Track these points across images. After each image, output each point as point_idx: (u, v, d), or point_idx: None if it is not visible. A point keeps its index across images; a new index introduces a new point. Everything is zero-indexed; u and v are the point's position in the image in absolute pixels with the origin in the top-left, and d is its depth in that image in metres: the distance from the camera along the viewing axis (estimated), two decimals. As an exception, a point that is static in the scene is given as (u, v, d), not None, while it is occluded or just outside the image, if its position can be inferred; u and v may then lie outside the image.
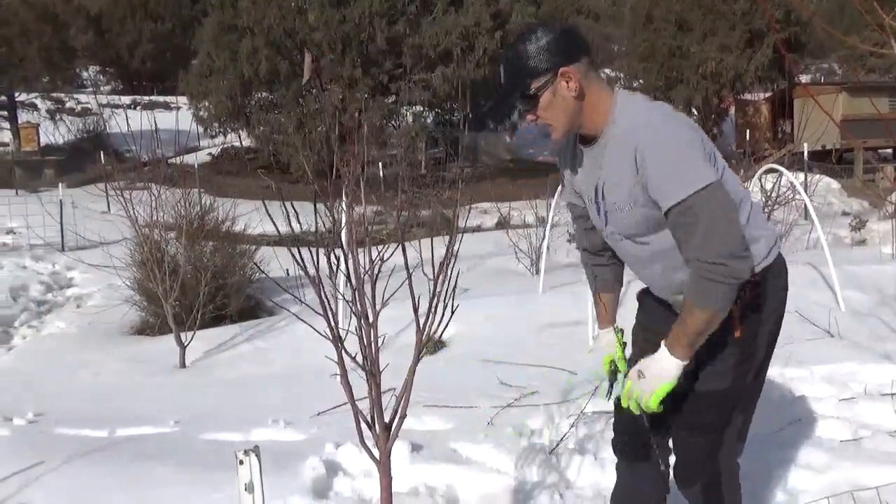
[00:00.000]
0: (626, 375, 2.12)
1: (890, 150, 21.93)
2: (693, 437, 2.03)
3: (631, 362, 2.20)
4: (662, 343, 1.86)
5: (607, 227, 2.02)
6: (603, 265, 2.23)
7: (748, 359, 1.95)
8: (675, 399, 2.03)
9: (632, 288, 2.28)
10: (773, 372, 3.72)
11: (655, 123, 1.81)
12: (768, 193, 8.10)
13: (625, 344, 2.22)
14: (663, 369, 1.85)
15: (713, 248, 1.74)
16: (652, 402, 1.87)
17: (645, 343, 2.15)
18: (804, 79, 29.63)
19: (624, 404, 1.94)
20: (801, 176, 12.49)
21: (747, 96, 24.89)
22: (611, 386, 2.25)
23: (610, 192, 1.91)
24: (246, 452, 1.57)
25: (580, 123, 1.90)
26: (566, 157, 2.07)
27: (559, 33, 1.83)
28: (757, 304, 1.92)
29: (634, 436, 2.17)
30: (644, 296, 2.20)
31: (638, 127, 1.81)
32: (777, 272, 1.97)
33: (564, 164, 2.09)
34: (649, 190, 1.81)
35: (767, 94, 24.48)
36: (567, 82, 1.83)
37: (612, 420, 2.25)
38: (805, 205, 6.33)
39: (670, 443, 2.18)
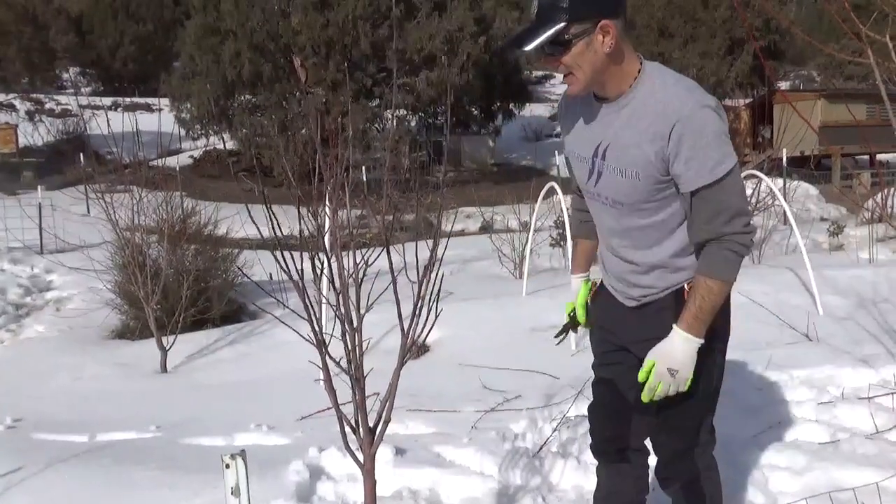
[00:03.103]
0: (583, 325, 2.23)
1: (867, 157, 22.23)
2: (671, 439, 2.06)
3: (595, 365, 2.22)
4: (676, 328, 1.86)
5: (595, 187, 1.98)
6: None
7: (724, 352, 2.03)
8: (658, 402, 2.05)
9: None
10: (753, 376, 3.76)
11: (697, 106, 1.80)
12: (748, 199, 8.18)
13: (592, 291, 2.24)
14: (687, 354, 1.86)
15: (740, 221, 1.83)
16: (687, 387, 1.90)
17: (601, 343, 2.20)
18: (783, 85, 30.00)
19: (646, 399, 1.93)
20: (780, 182, 12.64)
21: (728, 102, 25.16)
22: (564, 332, 2.34)
23: (614, 153, 1.89)
24: (232, 457, 1.57)
25: (602, 82, 1.86)
26: (574, 110, 2.01)
27: None
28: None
29: (612, 440, 2.21)
30: (598, 294, 2.22)
31: (682, 105, 1.80)
32: None
33: (568, 116, 2.05)
34: (674, 166, 1.82)
35: (747, 100, 24.76)
36: (604, 36, 1.78)
37: (589, 427, 2.28)
38: (784, 210, 6.40)
39: (648, 444, 2.21)
